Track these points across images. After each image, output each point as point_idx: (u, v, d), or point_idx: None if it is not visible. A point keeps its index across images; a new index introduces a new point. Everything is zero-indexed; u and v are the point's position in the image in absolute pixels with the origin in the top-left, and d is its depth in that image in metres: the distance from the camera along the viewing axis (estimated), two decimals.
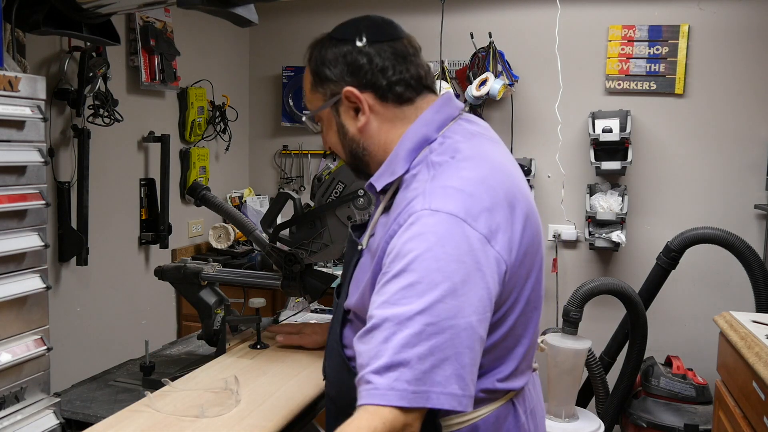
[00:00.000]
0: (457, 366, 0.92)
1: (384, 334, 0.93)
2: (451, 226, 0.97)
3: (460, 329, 0.93)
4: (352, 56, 1.12)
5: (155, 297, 3.18)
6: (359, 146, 1.15)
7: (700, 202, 3.27)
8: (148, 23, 2.95)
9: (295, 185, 3.91)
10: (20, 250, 1.37)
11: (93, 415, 1.45)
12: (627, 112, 3.26)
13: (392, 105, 1.13)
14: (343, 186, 1.61)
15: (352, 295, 1.14)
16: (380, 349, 0.93)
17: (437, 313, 0.92)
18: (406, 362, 0.91)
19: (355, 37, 1.13)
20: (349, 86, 1.11)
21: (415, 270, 0.95)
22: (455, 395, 0.92)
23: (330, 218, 1.65)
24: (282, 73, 3.83)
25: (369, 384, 0.92)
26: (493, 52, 3.34)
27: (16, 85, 1.36)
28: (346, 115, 1.14)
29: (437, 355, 0.91)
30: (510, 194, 1.06)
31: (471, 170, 1.04)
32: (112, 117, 2.70)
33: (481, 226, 0.98)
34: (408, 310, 0.93)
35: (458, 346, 0.93)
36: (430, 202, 0.99)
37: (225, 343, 1.74)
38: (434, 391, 0.91)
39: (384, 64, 1.11)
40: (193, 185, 1.89)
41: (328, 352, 1.23)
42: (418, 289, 0.93)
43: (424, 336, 0.91)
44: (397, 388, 0.90)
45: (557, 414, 2.56)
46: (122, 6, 1.90)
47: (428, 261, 0.94)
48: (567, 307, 2.63)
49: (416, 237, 0.97)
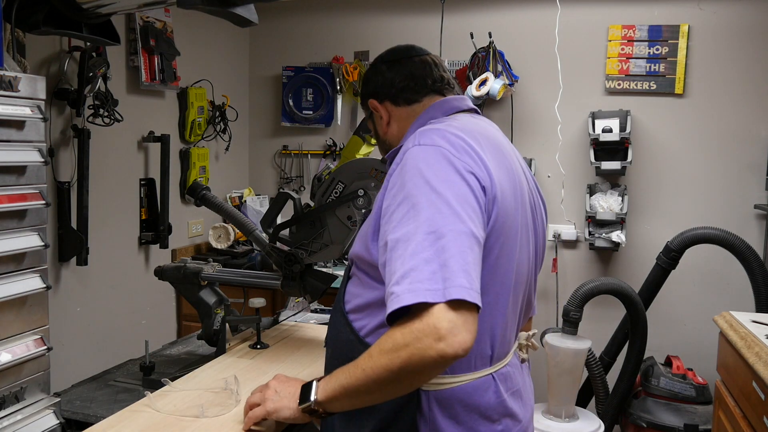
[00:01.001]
0: (461, 262, 1.00)
1: (397, 252, 1.04)
2: (436, 153, 1.11)
3: (460, 232, 1.03)
4: (372, 76, 1.39)
5: (155, 297, 3.18)
6: (391, 143, 1.38)
7: (700, 202, 3.27)
8: (148, 23, 2.95)
9: (295, 185, 3.91)
10: (20, 250, 1.37)
11: (93, 415, 1.46)
12: (627, 112, 3.26)
13: (404, 106, 1.35)
14: (343, 186, 1.61)
15: (354, 244, 1.24)
16: (395, 265, 1.03)
17: (435, 222, 1.03)
18: (415, 267, 1.00)
19: (379, 61, 1.40)
20: (371, 99, 1.38)
21: (412, 194, 1.07)
22: (464, 287, 0.99)
23: (330, 218, 1.65)
24: (282, 73, 3.83)
25: (392, 294, 1.01)
26: (493, 52, 3.34)
27: (16, 85, 1.36)
28: (379, 121, 1.40)
29: (442, 256, 1.00)
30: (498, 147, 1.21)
31: (461, 124, 1.21)
32: (112, 117, 2.70)
33: (464, 156, 1.11)
34: (412, 227, 1.04)
35: (460, 246, 1.02)
36: (419, 140, 1.15)
37: (225, 343, 1.74)
38: (446, 285, 0.99)
39: (392, 77, 1.36)
40: (193, 185, 1.89)
41: (331, 316, 1.32)
42: (417, 208, 1.05)
43: (427, 243, 1.02)
44: (413, 290, 0.99)
45: (557, 414, 2.56)
46: (122, 6, 1.90)
47: (421, 184, 1.07)
48: (567, 307, 2.63)
49: (408, 168, 1.10)
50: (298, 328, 2.03)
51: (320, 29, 3.79)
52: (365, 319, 1.20)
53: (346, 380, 1.08)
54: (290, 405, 1.18)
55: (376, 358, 1.03)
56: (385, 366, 1.02)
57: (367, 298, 1.20)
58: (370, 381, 1.04)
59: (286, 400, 1.19)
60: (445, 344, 0.97)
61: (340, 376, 1.10)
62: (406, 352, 0.99)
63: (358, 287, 1.23)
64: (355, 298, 1.23)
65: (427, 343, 0.97)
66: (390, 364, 1.01)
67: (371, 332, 1.18)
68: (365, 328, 1.20)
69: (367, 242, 1.17)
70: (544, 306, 3.48)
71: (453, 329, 0.97)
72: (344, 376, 1.09)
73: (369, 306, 1.20)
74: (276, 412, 1.20)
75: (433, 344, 0.97)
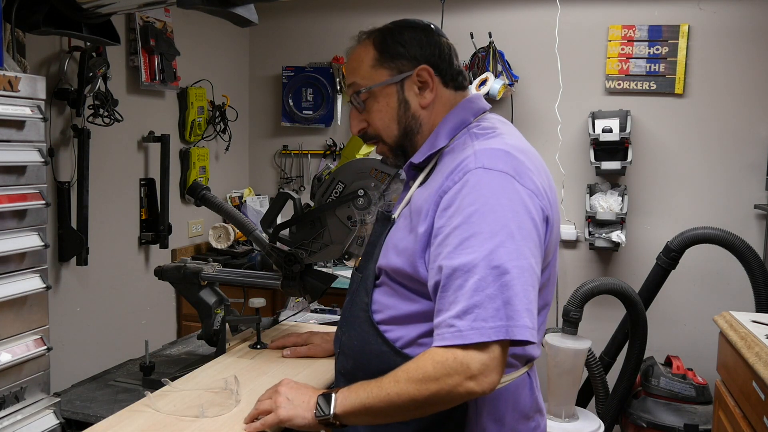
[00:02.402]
0: (525, 301, 1.02)
1: (457, 282, 1.03)
2: (503, 182, 1.07)
3: (523, 269, 1.03)
4: (429, 40, 1.25)
5: (155, 297, 3.18)
6: (417, 122, 1.24)
7: (700, 202, 3.27)
8: (148, 23, 2.95)
9: (295, 185, 3.91)
10: (20, 250, 1.37)
11: (93, 415, 1.45)
12: (627, 112, 3.26)
13: (450, 90, 1.26)
14: (343, 186, 1.61)
15: (386, 255, 1.20)
16: (457, 295, 1.03)
17: (500, 257, 1.02)
18: (479, 304, 1.01)
19: (430, 26, 1.27)
20: (424, 64, 1.22)
21: (474, 222, 1.04)
22: (528, 327, 1.01)
23: (330, 218, 1.65)
24: (282, 73, 3.83)
25: (452, 327, 1.02)
26: (493, 52, 3.34)
27: (16, 85, 1.36)
28: (410, 91, 1.23)
29: (506, 294, 1.01)
30: (543, 167, 1.21)
31: (513, 140, 1.17)
32: (112, 117, 2.70)
33: (528, 182, 1.10)
34: (474, 258, 1.02)
35: (523, 284, 1.02)
36: (482, 161, 1.10)
37: (225, 343, 1.74)
38: (510, 324, 1.00)
39: (450, 55, 1.26)
40: (193, 185, 1.89)
41: (349, 324, 1.26)
42: (480, 238, 1.03)
43: (491, 278, 1.01)
44: (476, 327, 1.00)
45: (557, 414, 2.55)
46: (122, 6, 1.90)
47: (486, 213, 1.04)
48: (567, 307, 2.63)
49: (473, 192, 1.07)
50: (298, 328, 2.03)
51: (320, 29, 3.79)
52: (401, 330, 1.18)
53: (367, 399, 1.08)
54: (305, 414, 1.16)
55: (403, 385, 1.04)
56: (412, 396, 1.03)
57: (404, 310, 1.17)
58: (393, 406, 1.05)
59: (300, 409, 1.17)
60: (475, 383, 1.00)
61: (362, 393, 1.09)
62: (435, 386, 1.02)
63: (393, 298, 1.19)
64: (389, 309, 1.19)
65: (458, 381, 1.00)
66: (417, 394, 1.03)
67: (409, 344, 1.17)
68: (402, 340, 1.17)
69: (414, 259, 1.13)
70: None
71: (485, 370, 1.00)
72: (366, 395, 1.08)
73: (407, 318, 1.17)
74: (290, 420, 1.18)
75: (464, 382, 1.00)
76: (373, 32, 1.28)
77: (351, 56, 1.29)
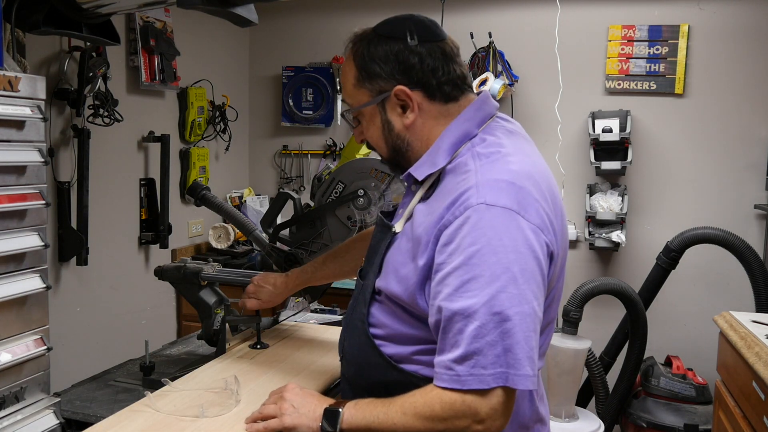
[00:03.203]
0: (526, 348, 1.00)
1: (457, 326, 1.01)
2: (506, 219, 1.02)
3: (525, 315, 1.00)
4: (404, 55, 1.14)
5: (155, 297, 3.17)
6: (404, 142, 1.19)
7: (700, 202, 3.27)
8: (148, 23, 2.95)
9: (295, 185, 3.91)
10: (20, 250, 1.37)
11: (93, 415, 1.45)
12: (627, 112, 3.26)
13: (439, 103, 1.17)
14: (343, 186, 1.61)
15: (386, 277, 1.17)
16: (457, 339, 1.01)
17: (501, 303, 0.99)
18: (479, 351, 0.99)
19: (406, 35, 1.15)
20: (400, 84, 1.14)
21: (476, 263, 1.01)
22: (528, 376, 1.00)
23: (330, 218, 1.65)
24: (282, 73, 3.83)
25: (451, 371, 1.01)
26: (493, 52, 3.34)
27: (16, 85, 1.36)
28: (393, 111, 1.17)
29: (507, 341, 0.99)
30: (550, 189, 1.14)
31: (517, 164, 1.09)
32: (112, 117, 2.70)
33: (533, 217, 1.04)
34: (474, 303, 1.00)
35: (525, 330, 1.00)
36: (485, 196, 1.04)
37: (225, 343, 1.74)
38: (510, 372, 0.99)
39: (435, 65, 1.15)
40: (193, 185, 1.89)
41: (350, 331, 1.25)
42: (481, 282, 1.00)
43: (492, 325, 0.99)
44: (475, 374, 0.99)
45: (557, 414, 2.55)
46: (122, 6, 1.90)
47: (488, 254, 1.00)
48: (567, 307, 2.63)
49: (474, 231, 1.02)
50: (298, 328, 2.03)
51: (320, 29, 3.79)
52: (395, 347, 1.18)
53: (374, 422, 1.08)
54: (310, 425, 1.15)
55: (410, 419, 1.05)
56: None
57: (399, 330, 1.17)
58: None
59: (305, 419, 1.16)
60: (482, 427, 1.01)
61: (368, 415, 1.09)
62: (442, 426, 1.02)
63: (390, 318, 1.18)
64: (386, 327, 1.18)
65: (466, 424, 1.01)
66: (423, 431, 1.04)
67: (405, 360, 1.17)
68: (397, 356, 1.17)
69: (414, 291, 1.11)
70: None
71: (493, 415, 1.00)
72: (373, 417, 1.09)
73: (404, 338, 1.17)
74: (294, 428, 1.17)
75: (472, 425, 1.01)
76: (355, 42, 1.19)
77: (341, 68, 1.24)
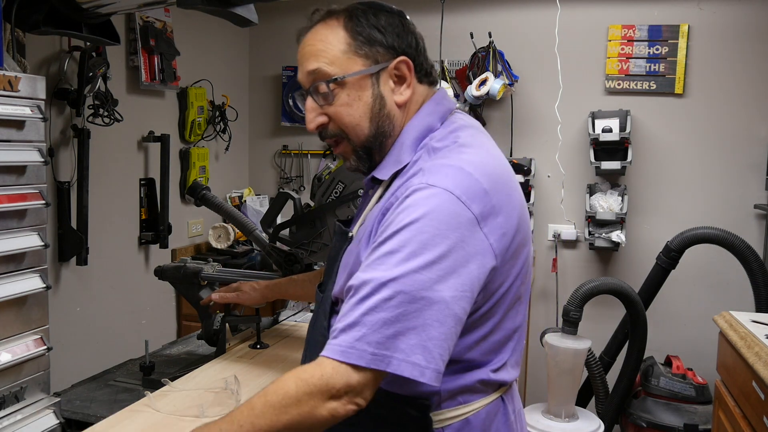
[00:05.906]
0: (423, 337, 0.92)
1: (360, 295, 0.94)
2: (443, 201, 0.96)
3: (432, 302, 0.92)
4: (405, 29, 1.10)
5: (155, 297, 3.17)
6: (391, 123, 1.10)
7: (700, 202, 3.27)
8: (148, 23, 2.95)
9: (295, 185, 3.91)
10: (20, 250, 1.37)
11: (93, 415, 1.45)
12: (627, 112, 3.26)
13: (425, 86, 1.14)
14: (343, 186, 1.61)
15: (339, 282, 1.10)
16: (353, 309, 0.94)
17: (411, 283, 0.92)
18: (370, 324, 0.91)
19: (402, 12, 1.12)
20: (403, 56, 1.08)
21: (398, 238, 0.95)
22: (417, 365, 0.91)
23: (330, 218, 1.65)
24: (282, 73, 3.83)
25: (335, 339, 0.93)
26: (493, 51, 3.34)
27: (16, 85, 1.36)
28: (386, 85, 1.09)
29: (403, 323, 0.91)
30: (507, 184, 1.05)
31: (472, 155, 1.04)
32: (112, 117, 2.70)
33: (475, 207, 0.97)
34: (384, 275, 0.93)
35: (427, 318, 0.92)
36: (428, 177, 0.99)
37: (225, 343, 1.74)
38: (396, 357, 0.91)
39: (425, 47, 1.13)
40: (193, 185, 1.89)
41: (311, 346, 1.18)
42: (398, 257, 0.94)
43: (393, 303, 0.92)
44: (358, 348, 0.91)
45: (557, 414, 2.55)
46: (122, 6, 1.91)
47: (412, 231, 0.94)
48: (567, 307, 2.63)
49: (408, 208, 0.97)
50: (298, 328, 2.03)
51: None
52: None
53: None
54: None
55: (258, 413, 0.93)
56: (268, 426, 0.92)
57: None
58: None
59: None
60: (338, 403, 0.92)
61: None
62: (295, 410, 0.92)
63: None
64: None
65: (319, 402, 0.91)
66: (274, 424, 0.92)
67: None
68: None
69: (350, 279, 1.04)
70: (544, 306, 3.47)
71: (349, 391, 0.92)
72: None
73: None
74: None
75: (326, 402, 0.92)
76: (340, 11, 1.10)
77: (311, 37, 1.11)
